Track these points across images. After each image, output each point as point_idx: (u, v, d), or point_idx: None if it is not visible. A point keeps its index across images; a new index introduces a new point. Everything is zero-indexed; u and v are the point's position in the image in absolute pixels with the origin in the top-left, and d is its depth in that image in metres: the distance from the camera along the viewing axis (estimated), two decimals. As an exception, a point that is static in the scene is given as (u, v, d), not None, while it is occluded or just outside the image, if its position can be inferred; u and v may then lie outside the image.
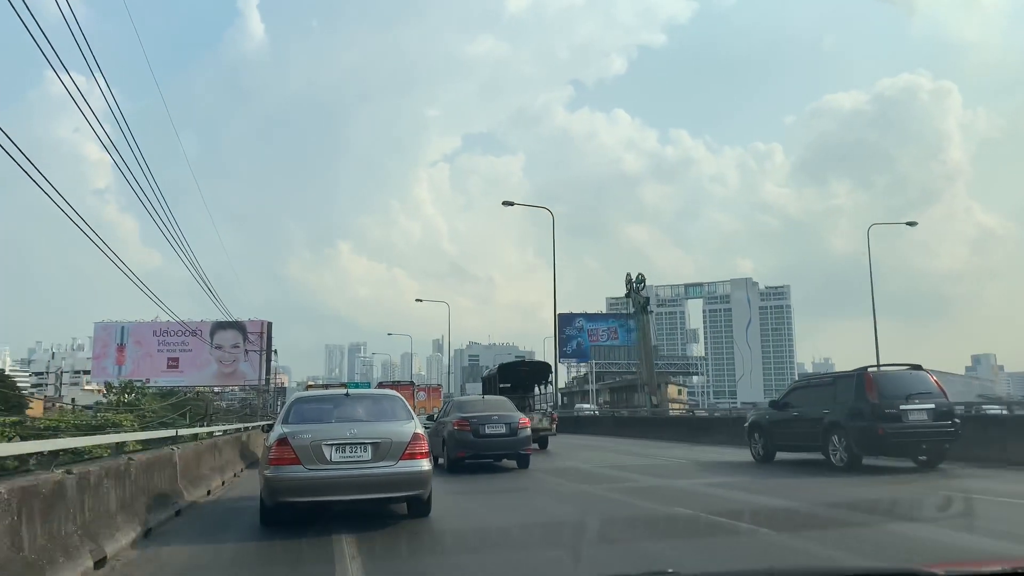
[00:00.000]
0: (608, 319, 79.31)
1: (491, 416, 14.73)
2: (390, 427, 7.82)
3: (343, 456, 7.45)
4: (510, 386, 24.32)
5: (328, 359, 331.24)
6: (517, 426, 14.58)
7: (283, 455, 7.35)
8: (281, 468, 7.33)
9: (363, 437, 7.58)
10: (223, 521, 8.56)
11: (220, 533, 7.74)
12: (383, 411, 8.32)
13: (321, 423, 7.90)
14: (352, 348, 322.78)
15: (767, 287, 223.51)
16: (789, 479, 11.57)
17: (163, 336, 68.86)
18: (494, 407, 15.76)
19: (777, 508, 8.48)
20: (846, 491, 9.78)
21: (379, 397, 9.07)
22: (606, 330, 74.84)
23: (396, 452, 7.55)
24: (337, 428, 7.71)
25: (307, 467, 7.32)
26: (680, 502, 8.94)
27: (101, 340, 71.49)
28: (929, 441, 12.09)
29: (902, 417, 12.00)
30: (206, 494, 10.53)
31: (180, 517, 8.55)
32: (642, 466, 14.69)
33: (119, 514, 6.65)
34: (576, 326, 74.00)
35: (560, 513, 8.85)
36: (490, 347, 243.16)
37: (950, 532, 6.85)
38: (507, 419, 14.68)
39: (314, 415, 8.16)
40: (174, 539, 7.26)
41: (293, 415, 8.07)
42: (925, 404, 12.19)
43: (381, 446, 7.54)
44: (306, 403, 8.56)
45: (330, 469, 7.38)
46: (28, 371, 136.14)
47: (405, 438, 7.65)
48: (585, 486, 11.35)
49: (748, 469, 13.42)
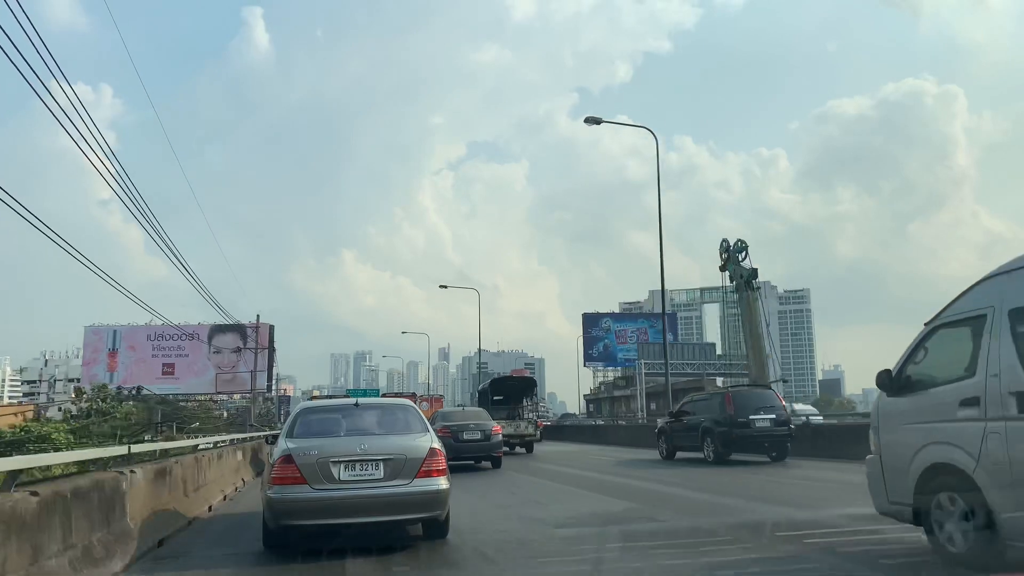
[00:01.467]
0: (637, 319, 74.45)
1: (468, 424, 17.73)
2: (404, 441, 7.28)
3: (353, 474, 6.88)
4: (502, 398, 28.04)
5: (333, 368, 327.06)
6: (491, 433, 17.72)
7: (287, 474, 6.76)
8: (285, 488, 6.74)
9: (375, 453, 6.97)
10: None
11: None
12: (396, 423, 7.77)
13: (329, 436, 7.35)
14: (358, 357, 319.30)
15: (786, 291, 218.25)
16: (674, 469, 15.95)
17: (158, 340, 64.75)
18: (472, 417, 19.02)
19: (654, 488, 12.46)
20: (707, 477, 13.75)
21: (392, 407, 8.28)
22: (635, 331, 68.88)
23: (411, 470, 6.97)
24: (346, 443, 7.13)
25: (314, 487, 6.74)
26: (588, 486, 13.01)
27: (92, 345, 66.85)
28: (771, 442, 16.76)
29: (751, 424, 16.53)
30: (187, 524, 8.60)
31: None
32: (584, 463, 19.21)
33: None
34: (602, 327, 68.31)
35: (509, 493, 12.22)
36: (499, 354, 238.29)
37: (747, 502, 10.09)
38: (482, 427, 17.81)
39: (321, 427, 7.62)
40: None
41: (299, 428, 7.55)
42: (768, 415, 16.78)
43: (394, 463, 6.97)
44: (313, 414, 8.05)
45: (339, 489, 6.79)
46: (19, 379, 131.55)
47: (421, 454, 7.07)
48: (534, 478, 15.40)
49: (653, 464, 17.84)
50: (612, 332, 68.52)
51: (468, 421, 18.14)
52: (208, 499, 10.25)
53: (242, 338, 62.09)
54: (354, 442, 7.08)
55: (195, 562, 6.67)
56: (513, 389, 29.39)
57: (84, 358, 68.50)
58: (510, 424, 24.73)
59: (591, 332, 66.99)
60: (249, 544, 7.33)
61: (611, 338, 67.95)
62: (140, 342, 66.06)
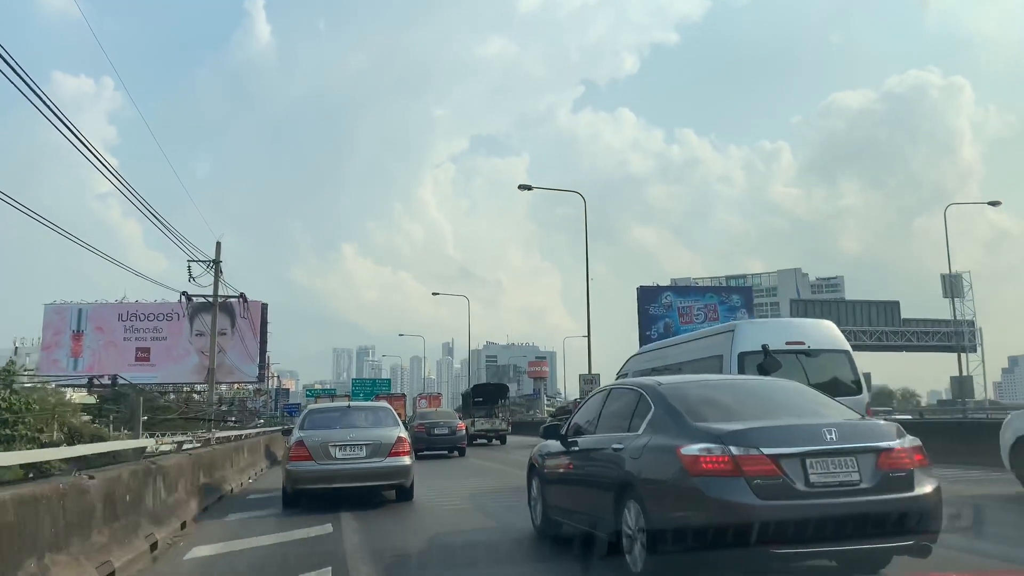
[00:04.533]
0: (705, 293, 59.85)
1: (439, 422, 24.20)
2: (380, 432, 11.04)
3: (345, 454, 10.58)
4: (482, 400, 36.27)
5: (336, 363, 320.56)
6: (456, 428, 24.17)
7: (300, 453, 10.51)
8: (298, 463, 10.47)
9: (360, 440, 10.75)
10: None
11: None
12: (377, 419, 11.62)
13: (329, 429, 11.09)
14: (360, 351, 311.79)
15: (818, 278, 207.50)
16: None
17: (131, 321, 55.11)
18: (443, 416, 26.42)
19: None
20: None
21: (374, 408, 12.75)
22: (702, 308, 57.50)
23: (385, 451, 10.71)
24: (340, 433, 10.91)
25: (318, 462, 10.44)
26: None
27: (52, 326, 56.05)
28: None
29: None
30: (218, 499, 11.86)
31: None
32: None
33: None
34: (663, 303, 56.21)
35: (461, 474, 16.93)
36: (508, 347, 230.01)
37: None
38: (450, 424, 24.34)
39: (323, 423, 11.43)
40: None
41: (307, 423, 11.45)
42: None
43: (373, 446, 10.70)
44: (318, 414, 12.14)
45: (335, 464, 10.48)
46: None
47: (391, 440, 10.84)
48: (485, 460, 20.87)
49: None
50: (674, 309, 56.19)
51: (439, 420, 24.84)
52: (239, 479, 14.57)
53: (230, 318, 53.45)
54: (346, 432, 10.94)
55: (241, 511, 10.59)
56: (490, 393, 37.84)
57: (44, 342, 56.97)
58: (487, 421, 33.11)
59: (649, 309, 55.98)
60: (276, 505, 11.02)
61: (673, 316, 55.96)
62: (109, 322, 55.22)
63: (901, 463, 5.08)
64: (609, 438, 6.27)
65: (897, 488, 4.98)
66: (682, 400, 5.76)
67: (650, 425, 5.74)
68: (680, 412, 5.57)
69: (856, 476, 4.94)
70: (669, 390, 6.03)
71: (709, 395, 6.04)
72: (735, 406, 5.79)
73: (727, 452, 4.93)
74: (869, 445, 5.08)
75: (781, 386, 6.72)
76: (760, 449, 4.90)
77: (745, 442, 4.96)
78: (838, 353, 10.52)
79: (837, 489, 4.90)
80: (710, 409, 5.64)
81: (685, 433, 5.29)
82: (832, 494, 4.89)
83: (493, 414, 34.47)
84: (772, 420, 5.48)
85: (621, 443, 5.91)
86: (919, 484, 5.05)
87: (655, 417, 5.75)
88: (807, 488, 4.85)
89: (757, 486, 4.81)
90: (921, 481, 5.08)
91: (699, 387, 6.41)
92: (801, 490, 4.83)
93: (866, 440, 5.13)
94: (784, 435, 5.09)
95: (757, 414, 5.64)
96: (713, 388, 6.45)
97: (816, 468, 4.91)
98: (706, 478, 4.92)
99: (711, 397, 5.96)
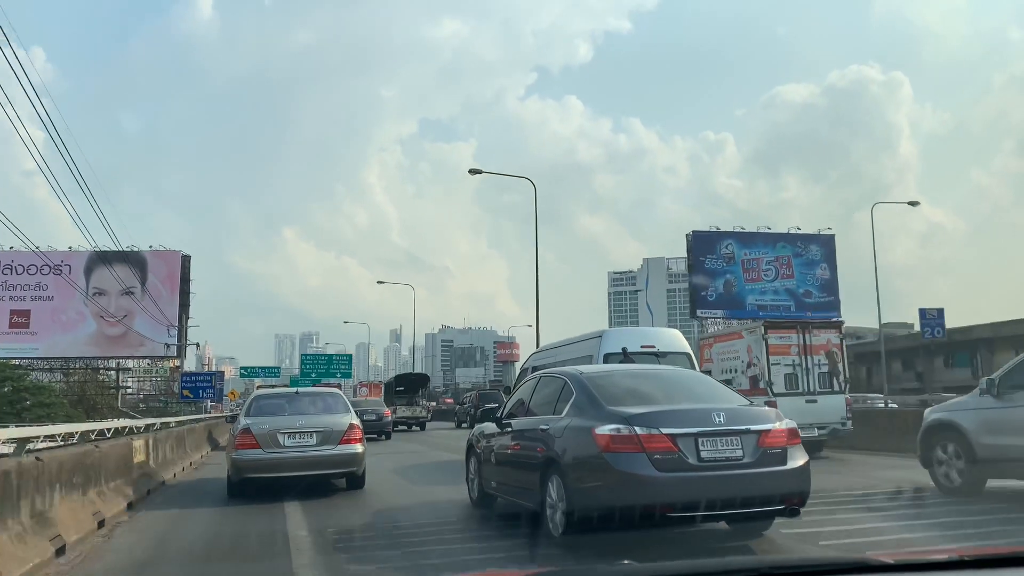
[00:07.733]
0: (777, 242, 43.32)
1: (368, 410, 25.65)
2: (331, 419, 10.85)
3: (294, 442, 10.36)
4: (403, 388, 38.96)
5: (278, 350, 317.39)
6: (383, 415, 27.42)
7: (246, 441, 10.23)
8: (244, 452, 10.21)
9: (309, 427, 10.49)
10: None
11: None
12: (327, 405, 11.44)
13: (276, 416, 10.85)
14: (304, 338, 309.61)
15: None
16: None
17: (5, 276, 43.21)
18: (371, 404, 28.85)
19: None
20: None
21: (324, 394, 12.53)
22: (772, 261, 42.42)
23: (336, 438, 10.48)
24: (289, 420, 10.66)
25: (265, 450, 10.21)
26: (440, 448, 21.21)
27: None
28: None
29: None
30: (161, 484, 12.06)
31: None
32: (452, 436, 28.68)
33: None
34: (723, 254, 41.94)
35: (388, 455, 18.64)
36: (466, 331, 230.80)
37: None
38: (377, 411, 27.15)
39: (271, 409, 11.15)
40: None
41: (254, 410, 11.14)
42: None
43: (324, 433, 10.49)
44: (264, 399, 11.82)
45: (283, 452, 10.28)
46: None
47: (343, 427, 10.64)
48: (409, 444, 23.54)
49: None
50: (737, 263, 42.10)
51: (368, 407, 26.66)
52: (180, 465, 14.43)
53: (140, 274, 44.03)
54: (295, 419, 10.68)
55: (178, 505, 10.37)
56: (412, 383, 40.44)
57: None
58: (409, 408, 35.52)
59: (704, 262, 41.68)
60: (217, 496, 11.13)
61: (736, 271, 41.90)
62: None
63: (777, 442, 6.35)
64: (537, 420, 7.53)
65: (773, 462, 6.30)
66: (600, 387, 7.01)
67: (572, 408, 6.91)
68: (597, 397, 6.78)
69: (740, 452, 6.21)
70: (590, 378, 7.27)
71: (623, 383, 7.32)
72: (644, 392, 7.08)
73: (633, 431, 6.14)
74: (751, 427, 6.35)
75: (686, 375, 8.19)
76: (660, 429, 6.08)
77: (648, 423, 6.14)
78: (681, 355, 13.40)
79: (723, 463, 6.17)
80: (623, 395, 6.87)
81: (600, 416, 6.46)
82: (719, 467, 6.15)
83: (414, 402, 37.69)
84: (673, 404, 6.71)
85: (547, 424, 7.15)
86: (791, 459, 6.38)
87: (576, 401, 6.94)
88: (698, 462, 6.08)
89: (657, 460, 5.98)
90: (794, 456, 6.40)
91: (616, 376, 7.72)
92: (693, 464, 6.06)
93: (749, 423, 6.41)
94: (681, 417, 6.34)
95: (661, 399, 6.88)
96: (627, 377, 7.75)
97: (706, 446, 6.17)
98: (615, 454, 6.09)
99: (625, 384, 7.24)
